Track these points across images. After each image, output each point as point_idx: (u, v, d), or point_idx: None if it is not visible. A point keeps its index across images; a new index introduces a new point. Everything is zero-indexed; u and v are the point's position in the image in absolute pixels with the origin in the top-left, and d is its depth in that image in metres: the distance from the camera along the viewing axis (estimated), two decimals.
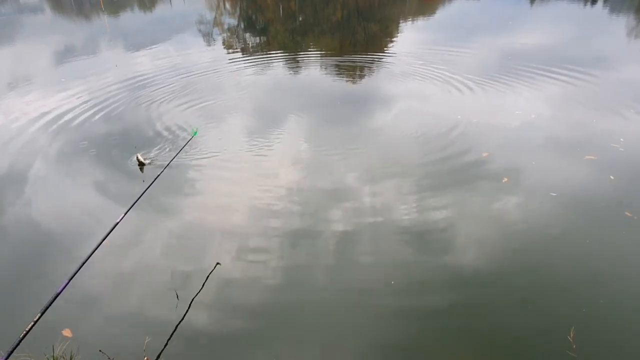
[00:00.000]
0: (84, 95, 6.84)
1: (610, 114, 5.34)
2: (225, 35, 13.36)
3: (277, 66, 8.76)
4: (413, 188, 3.84)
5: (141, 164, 4.29)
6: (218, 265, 2.96)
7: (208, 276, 2.87)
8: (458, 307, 2.60)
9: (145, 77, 7.86)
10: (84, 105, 6.34)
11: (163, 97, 6.64)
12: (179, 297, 2.71)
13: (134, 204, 2.79)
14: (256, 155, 4.65)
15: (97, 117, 5.86)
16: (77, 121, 5.72)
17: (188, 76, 7.86)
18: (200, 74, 8.00)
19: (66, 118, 5.83)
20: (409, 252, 3.08)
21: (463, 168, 4.17)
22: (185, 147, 4.26)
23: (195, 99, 6.53)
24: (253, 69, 8.53)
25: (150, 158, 4.45)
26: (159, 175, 3.18)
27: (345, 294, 2.74)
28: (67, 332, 2.46)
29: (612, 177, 3.80)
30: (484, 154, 4.36)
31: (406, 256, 3.05)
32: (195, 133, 3.79)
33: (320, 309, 2.64)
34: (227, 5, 21.24)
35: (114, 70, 8.49)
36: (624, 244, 3.05)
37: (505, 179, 3.87)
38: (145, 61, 9.27)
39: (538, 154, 4.37)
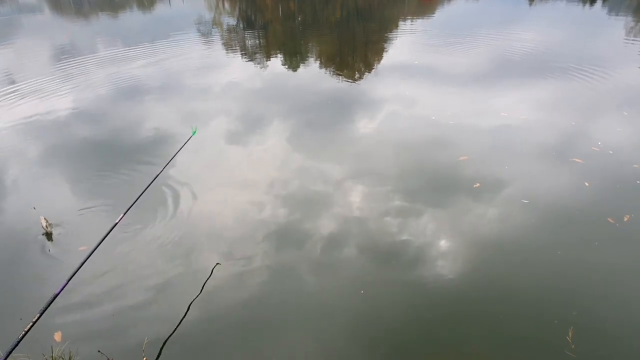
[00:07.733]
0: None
1: (606, 115, 5.33)
2: (224, 35, 13.33)
3: (275, 65, 8.74)
4: (387, 193, 3.82)
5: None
6: (218, 265, 2.95)
7: (208, 277, 2.87)
8: (451, 311, 2.60)
9: (135, 78, 7.86)
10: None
11: (153, 96, 6.64)
12: (178, 298, 2.70)
13: (133, 204, 2.77)
14: (249, 154, 4.67)
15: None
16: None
17: (178, 77, 7.85)
18: (195, 74, 8.00)
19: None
20: (387, 259, 3.04)
21: (444, 172, 4.14)
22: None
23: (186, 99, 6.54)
24: (251, 68, 8.53)
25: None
26: (157, 175, 3.16)
27: (318, 299, 2.74)
28: (57, 336, 2.44)
29: (586, 184, 3.79)
30: (461, 157, 4.35)
31: (387, 262, 3.02)
32: (195, 132, 3.77)
33: (303, 314, 2.63)
34: (227, 6, 21.21)
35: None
36: (616, 246, 3.08)
37: (477, 184, 3.85)
38: (138, 63, 9.23)
39: (530, 157, 4.36)
